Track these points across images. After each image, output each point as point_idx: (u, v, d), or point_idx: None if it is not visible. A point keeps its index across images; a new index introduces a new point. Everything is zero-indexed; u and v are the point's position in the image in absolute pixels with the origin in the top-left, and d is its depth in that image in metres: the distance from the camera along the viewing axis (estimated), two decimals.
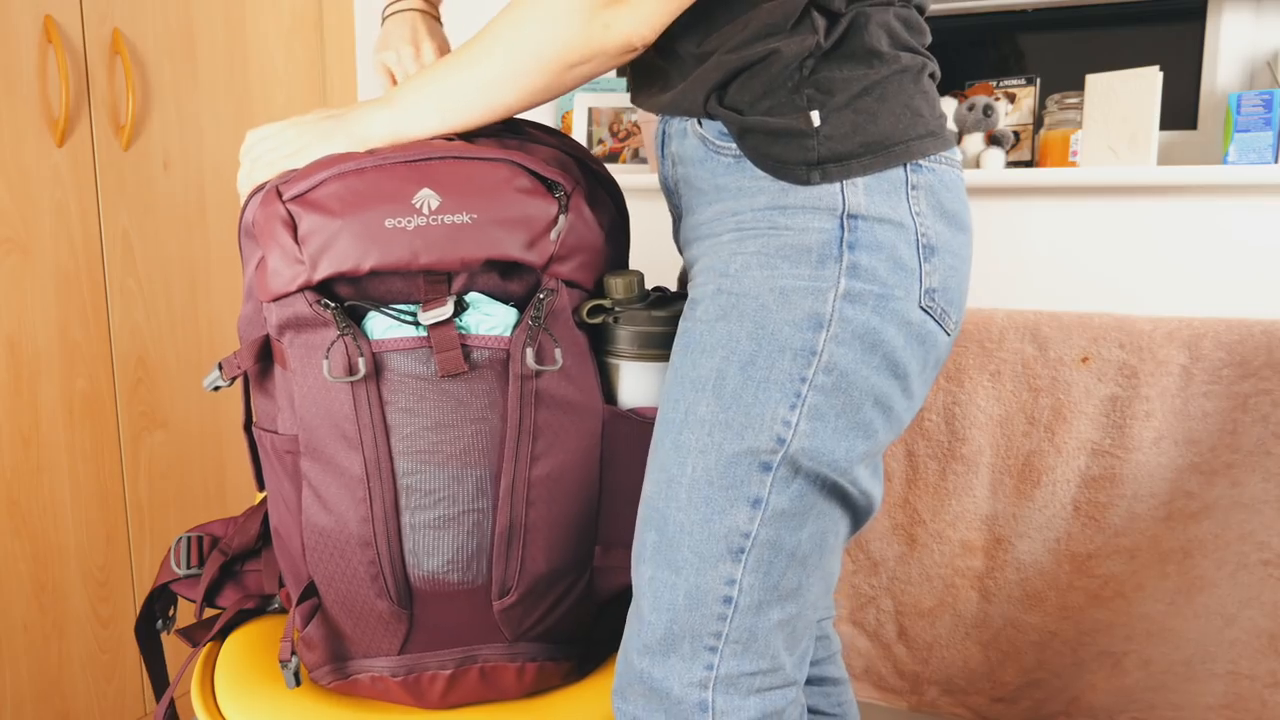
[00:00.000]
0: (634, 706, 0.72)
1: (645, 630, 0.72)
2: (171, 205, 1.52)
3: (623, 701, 0.73)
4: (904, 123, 0.70)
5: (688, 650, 0.71)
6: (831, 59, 0.70)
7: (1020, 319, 1.44)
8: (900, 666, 1.59)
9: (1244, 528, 1.36)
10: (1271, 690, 1.38)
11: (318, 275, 0.71)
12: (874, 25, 0.71)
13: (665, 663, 0.71)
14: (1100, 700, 1.48)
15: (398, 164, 0.73)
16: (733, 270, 0.70)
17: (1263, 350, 1.32)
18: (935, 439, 1.51)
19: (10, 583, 1.33)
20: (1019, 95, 1.57)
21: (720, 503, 0.69)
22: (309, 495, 0.75)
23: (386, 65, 0.94)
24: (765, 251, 0.69)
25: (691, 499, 0.70)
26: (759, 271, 0.69)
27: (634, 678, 0.72)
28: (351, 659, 0.79)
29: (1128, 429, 1.39)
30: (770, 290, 0.69)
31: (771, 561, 0.70)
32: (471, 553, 0.74)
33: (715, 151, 0.73)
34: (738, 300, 0.69)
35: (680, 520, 0.70)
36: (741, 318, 0.69)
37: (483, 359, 0.73)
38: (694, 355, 0.71)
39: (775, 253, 0.69)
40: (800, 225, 0.69)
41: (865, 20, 0.70)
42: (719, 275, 0.71)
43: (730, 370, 0.69)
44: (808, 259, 0.68)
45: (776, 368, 0.68)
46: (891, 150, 0.70)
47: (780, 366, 0.68)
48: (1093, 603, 1.45)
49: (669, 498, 0.71)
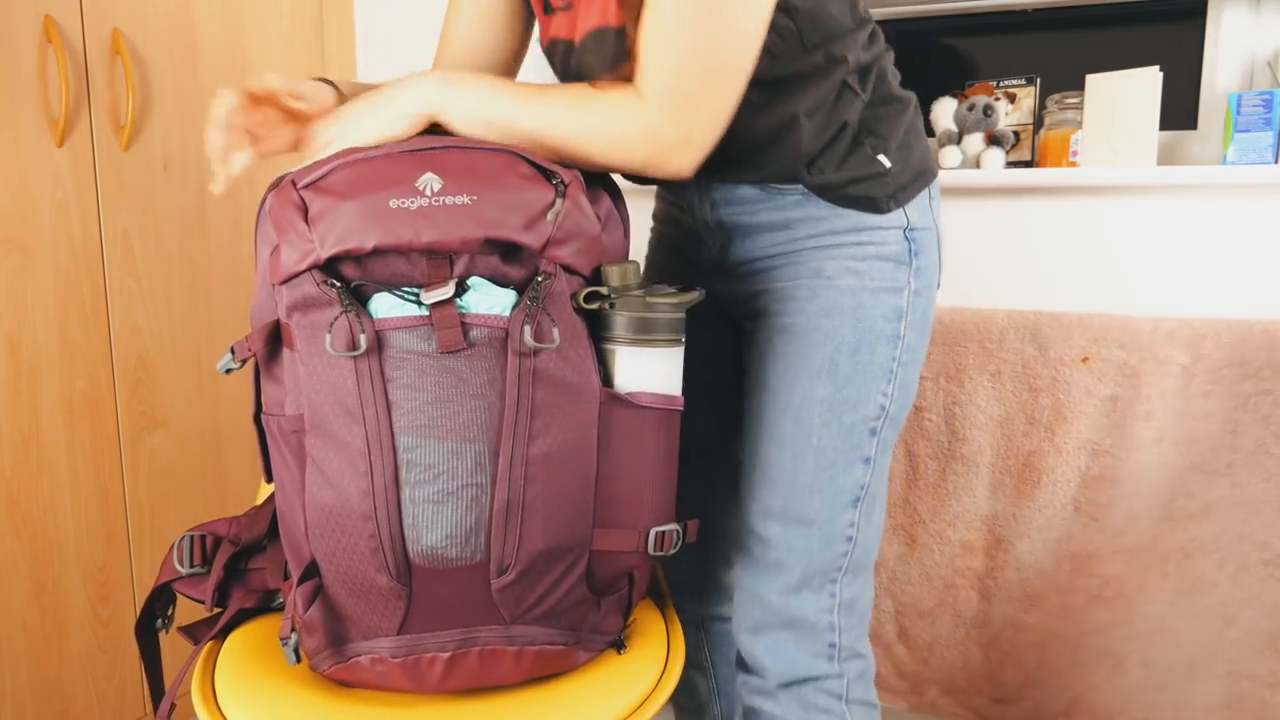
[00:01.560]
0: (772, 638, 0.92)
1: (783, 575, 0.91)
2: (171, 205, 1.52)
3: (759, 636, 0.93)
4: (926, 150, 0.92)
5: (818, 584, 0.91)
6: (871, 107, 0.88)
7: (1020, 319, 1.44)
8: (900, 666, 1.59)
9: (1244, 528, 1.36)
10: (1271, 690, 1.39)
11: (325, 253, 0.74)
12: (888, 72, 0.89)
13: (800, 598, 0.91)
14: (1100, 700, 1.48)
15: (404, 153, 0.78)
16: (827, 274, 0.88)
17: (1263, 350, 1.32)
18: (935, 439, 1.51)
19: (10, 583, 1.34)
20: (1019, 95, 1.57)
21: (842, 464, 0.90)
22: (312, 472, 0.77)
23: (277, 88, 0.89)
24: (856, 258, 0.88)
25: (819, 464, 0.89)
26: (852, 278, 0.88)
27: (773, 616, 0.92)
28: (350, 641, 0.80)
29: (1128, 429, 1.39)
30: (864, 290, 0.88)
31: (873, 503, 0.92)
32: (470, 527, 0.76)
33: (779, 193, 0.90)
34: (838, 298, 0.88)
35: (809, 482, 0.90)
36: (843, 314, 0.88)
37: (482, 337, 0.75)
38: (803, 346, 0.89)
39: (863, 260, 0.88)
40: (880, 240, 0.88)
41: (882, 68, 0.89)
42: (813, 277, 0.89)
43: (841, 358, 0.88)
44: (888, 266, 0.88)
45: (877, 352, 0.89)
46: (925, 174, 0.91)
47: (879, 351, 0.89)
48: (1093, 603, 1.45)
49: (797, 466, 0.90)
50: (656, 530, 0.84)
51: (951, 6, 1.61)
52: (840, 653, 0.93)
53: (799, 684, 0.92)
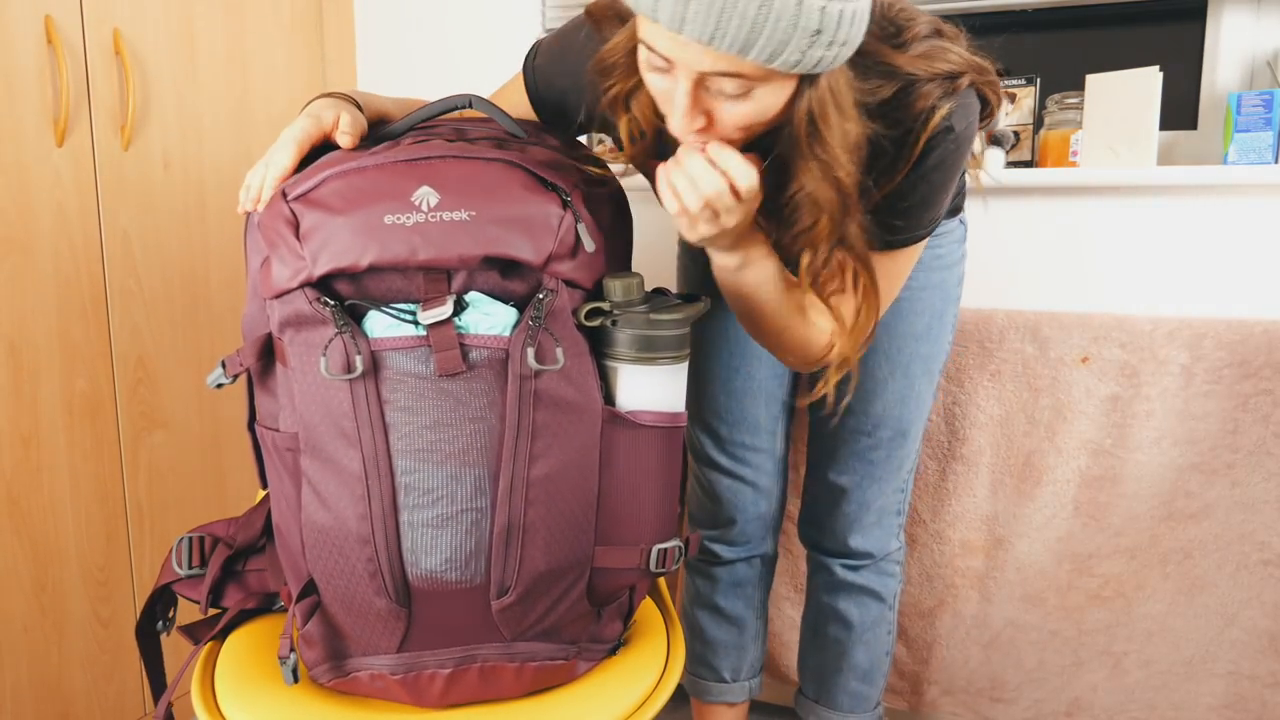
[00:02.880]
0: (877, 530, 1.26)
1: (888, 478, 1.23)
2: (171, 205, 1.52)
3: (866, 531, 1.26)
4: None
5: (902, 481, 1.26)
6: None
7: (1020, 319, 1.44)
8: (900, 666, 1.59)
9: (1244, 528, 1.36)
10: (1272, 690, 1.38)
11: (318, 271, 0.71)
12: None
13: (892, 495, 1.26)
14: (1100, 700, 1.48)
15: (398, 163, 0.74)
16: (925, 261, 1.11)
17: (1263, 350, 1.32)
18: (935, 439, 1.51)
19: (10, 583, 1.33)
20: (1019, 95, 1.57)
21: (927, 405, 1.22)
22: (308, 493, 0.75)
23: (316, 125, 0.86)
24: (939, 245, 1.13)
25: (920, 408, 1.20)
26: (934, 259, 1.13)
27: (876, 513, 1.26)
28: (350, 657, 0.79)
29: (1128, 429, 1.39)
30: (943, 267, 1.15)
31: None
32: (470, 552, 0.74)
33: None
34: (928, 276, 1.13)
35: (910, 415, 1.20)
36: (934, 288, 1.15)
37: (481, 359, 0.73)
38: (908, 316, 1.14)
39: (942, 246, 1.14)
40: (950, 239, 1.15)
41: None
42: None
43: (934, 323, 1.17)
44: (956, 245, 1.16)
45: (948, 315, 1.18)
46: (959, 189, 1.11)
47: (949, 313, 1.18)
48: (1093, 603, 1.45)
49: (909, 414, 1.20)
50: (659, 547, 0.82)
51: (952, 6, 1.61)
52: (902, 530, 1.31)
53: (883, 559, 1.29)
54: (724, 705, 1.42)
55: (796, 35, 0.68)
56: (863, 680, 1.34)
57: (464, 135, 0.82)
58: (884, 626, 1.33)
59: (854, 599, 1.30)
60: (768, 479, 1.31)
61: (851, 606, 1.30)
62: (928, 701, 1.59)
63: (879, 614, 1.31)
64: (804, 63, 0.70)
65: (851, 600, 1.30)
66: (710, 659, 1.40)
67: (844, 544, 1.28)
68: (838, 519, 1.27)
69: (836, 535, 1.28)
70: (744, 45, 0.67)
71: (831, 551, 1.30)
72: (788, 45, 0.68)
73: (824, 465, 1.27)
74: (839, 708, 1.35)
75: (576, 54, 0.91)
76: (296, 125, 0.81)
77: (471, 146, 0.77)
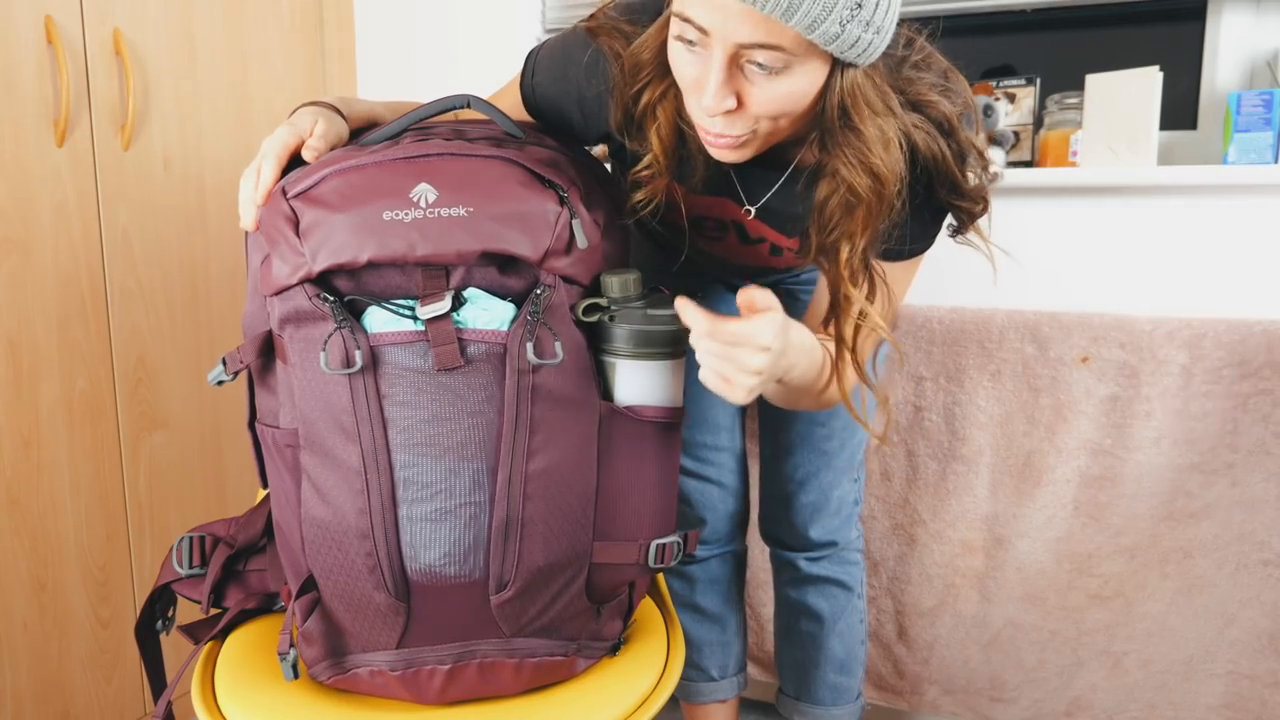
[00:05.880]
0: (831, 520, 1.29)
1: (827, 504, 1.28)
2: (171, 205, 1.52)
3: (822, 521, 1.29)
4: None
5: (855, 472, 1.30)
6: None
7: (1020, 319, 1.44)
8: (900, 666, 1.59)
9: (1244, 528, 1.36)
10: (1271, 690, 1.38)
11: (317, 267, 0.72)
12: None
13: (845, 486, 1.29)
14: (1100, 700, 1.48)
15: (397, 160, 0.75)
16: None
17: (1263, 350, 1.32)
18: (935, 439, 1.51)
19: (10, 582, 1.34)
20: (1019, 95, 1.57)
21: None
22: (308, 488, 0.75)
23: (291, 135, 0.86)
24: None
25: (867, 395, 1.03)
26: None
27: (833, 503, 1.29)
28: (350, 653, 0.79)
29: (1128, 429, 1.39)
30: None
31: None
32: (468, 546, 0.74)
33: None
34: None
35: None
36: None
37: (479, 353, 0.73)
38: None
39: None
40: None
41: None
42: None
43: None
44: None
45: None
46: None
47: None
48: (1093, 603, 1.45)
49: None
50: (657, 543, 0.82)
51: (951, 6, 1.61)
52: (859, 519, 1.34)
53: (845, 548, 1.32)
54: (716, 704, 1.43)
55: (840, 4, 0.68)
56: (840, 671, 1.35)
57: (462, 135, 0.83)
58: (855, 615, 1.35)
59: (822, 591, 1.33)
60: (731, 476, 1.33)
61: (820, 599, 1.33)
62: (928, 701, 1.59)
63: (848, 603, 1.34)
64: (843, 38, 0.70)
65: (820, 593, 1.33)
66: (696, 659, 1.40)
67: (805, 536, 1.30)
68: (797, 511, 1.29)
69: (797, 528, 1.30)
70: (787, 8, 0.67)
71: (794, 546, 1.33)
72: (830, 14, 0.68)
73: (780, 459, 1.28)
74: (820, 702, 1.36)
75: (579, 77, 0.89)
76: (276, 137, 0.81)
77: (470, 144, 0.77)
